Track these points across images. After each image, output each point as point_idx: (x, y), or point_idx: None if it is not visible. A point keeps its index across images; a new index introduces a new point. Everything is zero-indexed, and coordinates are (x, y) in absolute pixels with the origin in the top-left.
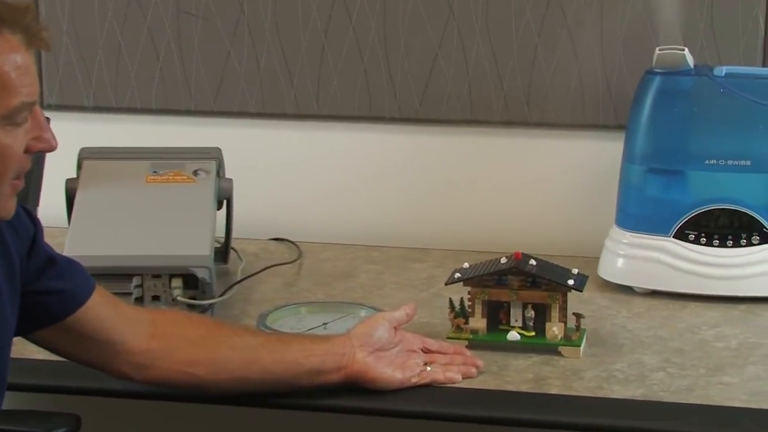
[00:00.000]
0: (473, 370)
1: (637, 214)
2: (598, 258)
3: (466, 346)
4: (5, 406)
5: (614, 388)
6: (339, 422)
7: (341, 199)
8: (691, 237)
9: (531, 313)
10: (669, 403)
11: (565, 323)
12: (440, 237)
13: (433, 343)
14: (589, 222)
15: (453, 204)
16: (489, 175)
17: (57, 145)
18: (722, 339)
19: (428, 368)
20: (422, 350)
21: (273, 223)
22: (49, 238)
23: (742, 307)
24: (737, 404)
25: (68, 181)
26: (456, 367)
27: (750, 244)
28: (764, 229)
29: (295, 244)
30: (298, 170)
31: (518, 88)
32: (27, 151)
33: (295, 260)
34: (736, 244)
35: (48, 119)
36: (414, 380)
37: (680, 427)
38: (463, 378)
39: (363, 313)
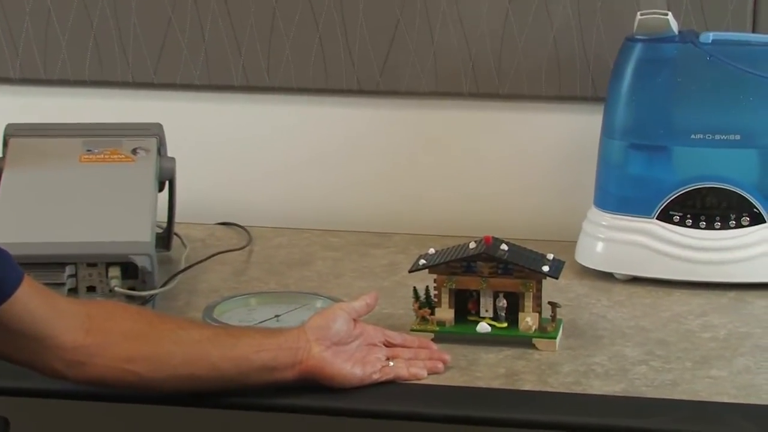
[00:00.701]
0: (440, 365)
1: (618, 194)
2: (575, 242)
3: (432, 339)
4: None
5: (593, 384)
6: (294, 423)
7: (295, 179)
8: (676, 218)
9: (502, 303)
10: (652, 399)
11: (540, 313)
12: (403, 220)
13: (395, 337)
14: (566, 203)
15: (417, 184)
16: (456, 153)
17: None
18: (710, 329)
19: (391, 363)
20: (384, 344)
21: (220, 206)
22: None
23: (732, 294)
24: (726, 399)
25: None
26: (421, 362)
27: (739, 225)
28: (755, 210)
29: (245, 229)
30: (248, 148)
31: (488, 58)
32: None
33: (245, 246)
34: (725, 226)
35: None
36: (375, 377)
37: (665, 424)
38: (429, 374)
39: (319, 303)
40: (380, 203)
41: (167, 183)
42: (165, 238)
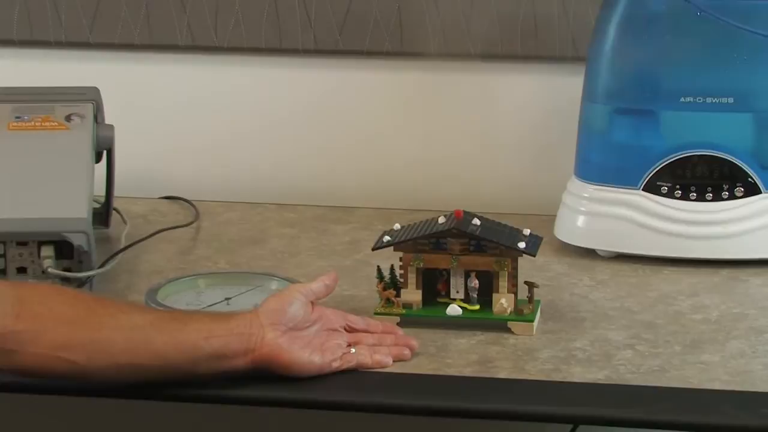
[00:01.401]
0: (407, 352)
1: (600, 163)
2: (554, 216)
3: (398, 323)
4: None
5: (574, 370)
6: (246, 415)
7: (247, 149)
8: (664, 189)
9: (475, 283)
10: (638, 387)
11: (516, 294)
12: (366, 193)
13: (358, 321)
14: (544, 173)
15: (381, 154)
16: (423, 118)
17: None
18: (701, 310)
19: (352, 350)
20: (345, 329)
21: (164, 179)
22: None
23: (724, 272)
24: (718, 386)
25: None
26: (386, 349)
27: (733, 197)
28: (749, 179)
29: (191, 204)
30: (194, 114)
31: (457, 14)
32: None
33: (192, 223)
34: (717, 198)
35: None
36: (335, 365)
37: (652, 414)
38: (395, 361)
39: (274, 285)
40: (341, 175)
41: (105, 153)
42: (103, 214)
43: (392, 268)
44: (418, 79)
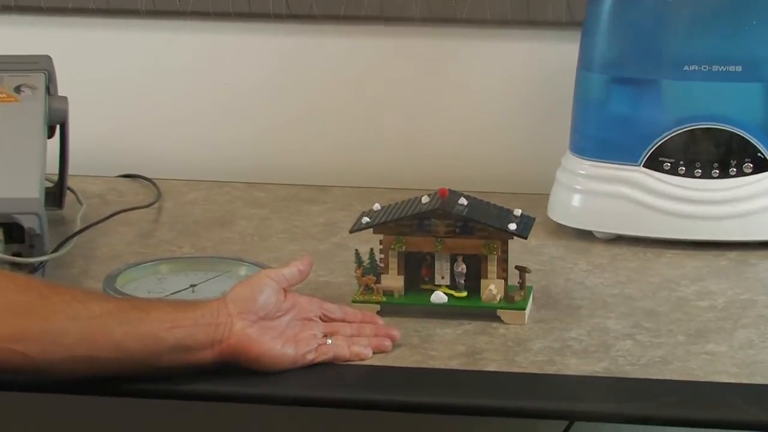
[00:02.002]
0: (387, 343)
1: (598, 138)
2: (547, 195)
3: (378, 312)
4: None
5: (569, 362)
6: (213, 412)
7: (212, 122)
8: (667, 166)
9: (461, 268)
10: (639, 380)
11: (506, 280)
12: (343, 170)
13: (334, 310)
14: (536, 148)
15: (359, 127)
16: (405, 89)
17: None
18: (706, 296)
19: (329, 341)
20: (321, 318)
21: (122, 155)
22: None
23: (732, 255)
24: (725, 379)
25: None
26: (365, 340)
27: (741, 173)
28: (759, 154)
29: (152, 182)
30: (155, 85)
31: None
32: None
33: (153, 203)
34: (724, 174)
35: None
36: (310, 357)
37: (653, 409)
38: (375, 353)
39: (243, 271)
40: (315, 150)
41: (58, 128)
42: (56, 193)
43: (371, 252)
44: (399, 46)
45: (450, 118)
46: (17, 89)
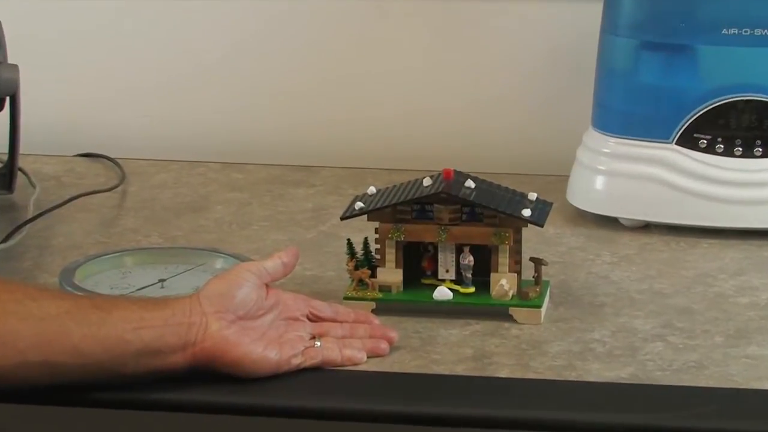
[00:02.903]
0: (384, 346)
1: (624, 111)
2: (566, 177)
3: (373, 310)
4: None
5: (591, 367)
6: (186, 424)
7: (183, 94)
8: (703, 143)
9: (468, 260)
10: (670, 387)
11: (519, 274)
12: (333, 149)
13: (323, 308)
14: (553, 124)
15: (352, 99)
16: (405, 57)
17: None
18: (747, 292)
19: (317, 344)
20: (308, 318)
21: (81, 132)
22: None
23: None
24: None
25: None
26: (358, 342)
27: None
28: None
29: (115, 163)
30: (118, 52)
31: None
32: None
33: (116, 186)
34: None
35: None
36: (296, 362)
37: (687, 421)
38: (370, 357)
39: (219, 263)
40: (302, 126)
41: (8, 100)
42: (6, 175)
43: (366, 242)
44: (399, 7)
45: (455, 89)
46: None
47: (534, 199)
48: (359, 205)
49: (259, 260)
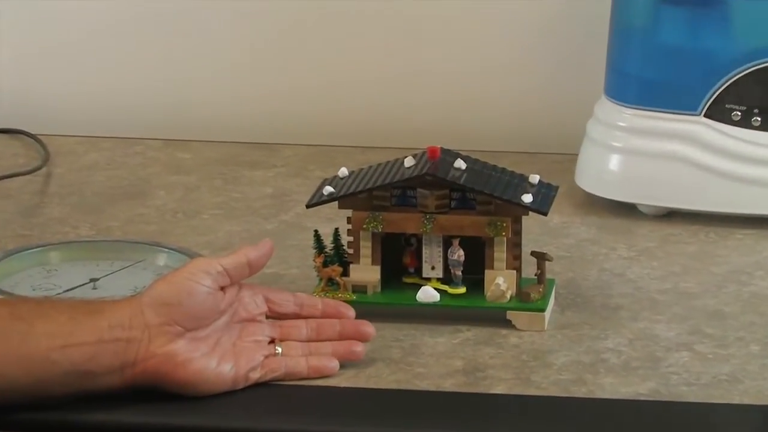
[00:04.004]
0: (358, 348)
1: (643, 77)
2: (575, 156)
3: None
4: None
5: (604, 382)
6: None
7: (115, 56)
8: (736, 115)
9: (458, 255)
10: (698, 405)
11: (519, 271)
12: (298, 123)
13: (284, 300)
14: (560, 92)
15: (319, 64)
16: (382, 10)
17: None
18: None
19: (278, 350)
20: (268, 315)
21: None
22: None
23: None
24: None
25: None
26: (328, 346)
27: None
28: None
29: (37, 140)
30: (39, 8)
31: None
32: None
33: (39, 168)
34: None
35: None
36: (255, 376)
37: None
38: (343, 363)
39: (162, 260)
40: (259, 95)
41: None
42: None
43: (336, 234)
44: None
45: (443, 51)
46: None
47: (536, 182)
48: (328, 189)
49: (212, 256)
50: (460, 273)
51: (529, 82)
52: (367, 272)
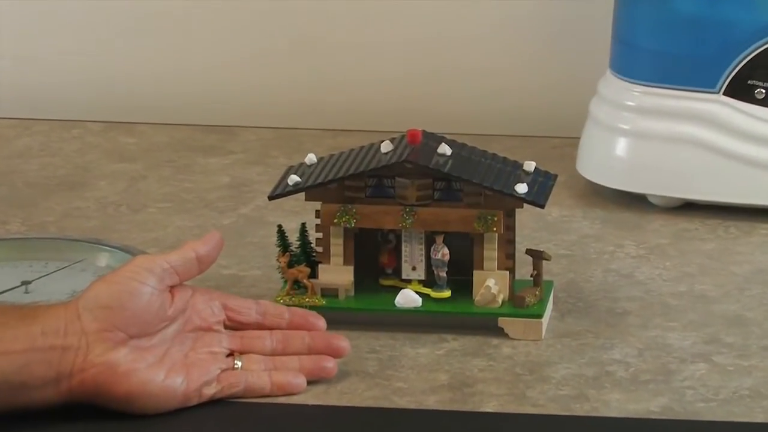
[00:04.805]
0: (330, 365)
1: (655, 50)
2: (576, 140)
3: None
4: None
5: (610, 398)
6: None
7: (50, 32)
8: (760, 93)
9: (443, 254)
10: (717, 424)
11: (512, 272)
12: (259, 104)
13: (246, 308)
14: (559, 67)
15: (282, 33)
16: None
17: None
18: None
19: (237, 364)
20: (226, 324)
21: None
22: None
23: None
24: None
25: None
26: (295, 360)
27: None
28: None
29: None
30: None
31: None
32: None
33: None
34: None
35: None
36: (210, 391)
37: None
38: (311, 381)
39: (104, 260)
40: (214, 72)
41: None
42: None
43: (303, 230)
44: None
45: (424, 19)
46: None
47: (532, 170)
48: (294, 179)
49: (158, 254)
50: (445, 274)
51: (523, 54)
52: (338, 273)
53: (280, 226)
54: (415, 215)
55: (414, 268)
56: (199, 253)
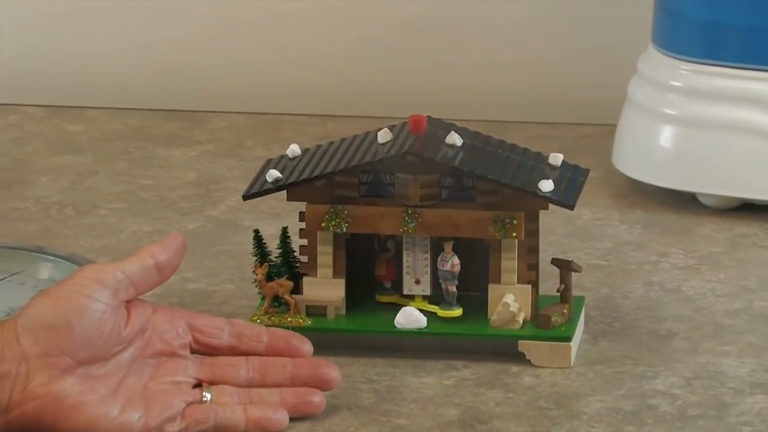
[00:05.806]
0: (316, 399)
1: (705, 20)
2: (612, 128)
3: None
4: None
5: None
6: None
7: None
8: None
9: (452, 264)
10: None
11: (535, 286)
12: (231, 86)
13: (216, 329)
14: (592, 42)
15: (258, 9)
16: None
17: None
18: None
19: (206, 397)
20: (191, 347)
21: None
22: None
23: None
24: None
25: None
26: (275, 393)
27: None
28: None
29: None
30: None
31: None
32: None
33: None
34: None
35: None
36: (173, 429)
37: None
38: (294, 418)
39: (46, 271)
40: (178, 48)
41: None
42: None
43: (285, 236)
44: None
45: None
46: None
47: (559, 163)
48: (274, 175)
49: (112, 262)
50: (455, 289)
51: (548, 23)
52: (326, 288)
53: (256, 231)
54: (418, 218)
55: (417, 282)
56: (158, 260)
